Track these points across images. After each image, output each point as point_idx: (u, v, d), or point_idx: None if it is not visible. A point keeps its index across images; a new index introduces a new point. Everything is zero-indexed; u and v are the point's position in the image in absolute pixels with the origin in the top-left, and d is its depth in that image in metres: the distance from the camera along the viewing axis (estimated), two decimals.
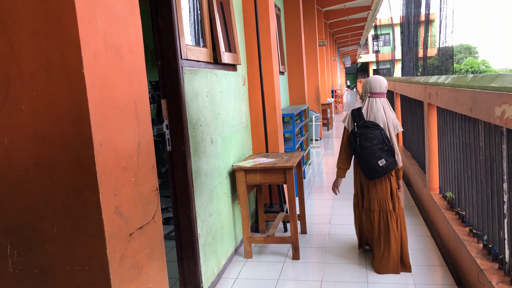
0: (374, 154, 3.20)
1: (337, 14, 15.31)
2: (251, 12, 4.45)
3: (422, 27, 7.25)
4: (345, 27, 19.06)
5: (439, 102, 3.75)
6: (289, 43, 8.20)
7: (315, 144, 10.42)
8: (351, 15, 15.47)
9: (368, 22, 18.58)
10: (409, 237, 3.98)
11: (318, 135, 10.94)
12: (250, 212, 4.45)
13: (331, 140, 11.31)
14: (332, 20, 16.05)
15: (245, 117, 4.40)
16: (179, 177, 2.92)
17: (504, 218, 2.48)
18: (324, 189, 6.10)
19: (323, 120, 13.04)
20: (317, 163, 8.14)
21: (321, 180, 6.69)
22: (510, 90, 2.13)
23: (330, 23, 16.84)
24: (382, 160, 3.19)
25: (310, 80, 10.56)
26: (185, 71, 2.94)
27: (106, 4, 1.52)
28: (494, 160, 2.60)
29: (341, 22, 17.63)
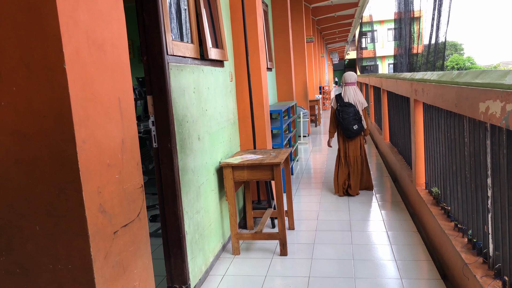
0: (350, 122, 5.19)
1: (324, 10, 15.32)
2: (238, 8, 4.42)
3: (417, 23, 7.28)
4: (333, 24, 19.10)
5: (425, 98, 3.78)
6: (277, 39, 8.19)
7: (303, 140, 10.45)
8: (339, 11, 15.50)
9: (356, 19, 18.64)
10: (396, 232, 4.02)
11: (306, 132, 10.96)
12: (238, 208, 4.44)
13: (319, 136, 11.35)
14: (319, 17, 16.06)
15: (232, 113, 4.38)
16: (166, 174, 2.90)
17: (488, 213, 2.51)
18: (312, 185, 6.12)
19: (311, 116, 13.08)
20: (305, 159, 8.16)
21: (309, 176, 6.70)
22: (494, 86, 2.15)
23: (317, 20, 16.86)
24: (355, 126, 5.20)
25: (297, 76, 10.57)
26: (171, 67, 2.91)
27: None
28: (479, 155, 2.63)
29: (329, 19, 17.66)
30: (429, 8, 5.25)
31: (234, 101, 4.48)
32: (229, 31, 4.44)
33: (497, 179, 2.36)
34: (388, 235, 3.97)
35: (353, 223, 4.37)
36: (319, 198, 5.35)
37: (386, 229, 4.14)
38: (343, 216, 4.60)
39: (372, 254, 3.58)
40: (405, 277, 3.14)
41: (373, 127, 10.09)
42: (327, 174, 6.69)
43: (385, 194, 5.38)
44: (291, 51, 8.48)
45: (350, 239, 3.93)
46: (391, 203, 5.01)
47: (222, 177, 3.79)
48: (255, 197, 4.71)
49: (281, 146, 5.87)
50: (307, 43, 12.25)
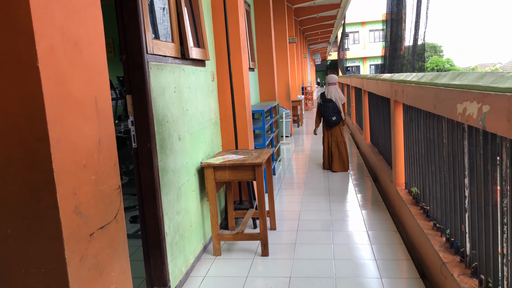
0: (329, 114, 6.66)
1: (307, 11, 15.39)
2: (220, 8, 4.40)
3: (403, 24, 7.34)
4: (315, 25, 19.21)
5: (405, 99, 3.83)
6: (259, 39, 8.18)
7: (286, 140, 10.47)
8: (321, 12, 15.60)
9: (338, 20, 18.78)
10: (376, 232, 4.06)
11: (288, 132, 10.99)
12: (220, 209, 4.41)
13: (301, 136, 11.39)
14: (302, 18, 16.13)
15: (214, 113, 4.35)
16: (145, 174, 2.86)
17: (465, 212, 2.55)
18: (294, 185, 6.14)
19: (294, 117, 13.12)
20: (287, 159, 8.18)
21: (291, 176, 6.72)
22: (471, 88, 2.18)
23: (300, 20, 16.92)
24: (334, 117, 6.64)
25: (280, 77, 10.59)
26: (151, 66, 2.87)
27: None
28: (457, 156, 2.67)
29: (311, 20, 17.75)
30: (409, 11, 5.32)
31: (216, 101, 4.46)
32: (211, 31, 4.41)
33: (474, 179, 2.40)
34: (369, 235, 4.00)
35: (334, 222, 4.39)
36: (301, 198, 5.37)
37: (366, 228, 4.17)
38: (324, 216, 4.62)
39: (353, 254, 3.60)
40: (385, 277, 3.17)
41: (354, 128, 10.18)
42: (309, 174, 6.72)
43: (366, 194, 5.43)
44: (274, 51, 8.48)
45: (331, 239, 3.94)
46: (371, 202, 5.06)
47: (204, 177, 3.76)
48: (237, 197, 4.69)
49: (263, 146, 5.86)
50: (289, 43, 12.28)
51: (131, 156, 6.16)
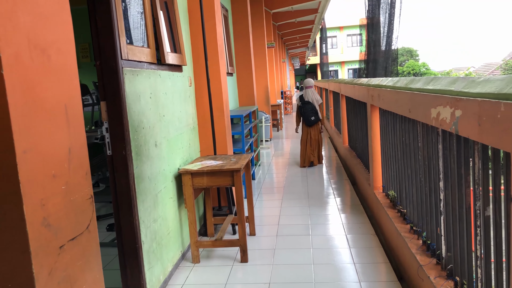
0: (309, 115, 7.32)
1: (285, 16, 15.50)
2: (196, 13, 4.37)
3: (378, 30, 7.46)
4: (294, 29, 19.35)
5: (381, 103, 3.87)
6: (238, 44, 8.18)
7: (265, 145, 10.48)
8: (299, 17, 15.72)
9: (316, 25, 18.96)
10: (355, 235, 4.08)
11: (268, 136, 11.00)
12: (198, 215, 4.37)
13: (281, 140, 11.42)
14: (280, 22, 16.23)
15: (192, 118, 4.31)
16: (120, 182, 2.80)
17: (441, 215, 2.58)
18: (274, 189, 6.14)
19: (273, 121, 13.16)
20: (267, 164, 8.17)
21: (271, 181, 6.72)
22: (444, 93, 2.22)
23: (278, 25, 17.02)
24: (313, 117, 7.33)
25: (259, 81, 10.60)
26: (126, 71, 2.82)
27: (29, 0, 1.40)
28: (432, 159, 2.71)
29: (290, 24, 17.87)
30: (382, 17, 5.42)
31: (194, 106, 4.42)
32: (188, 36, 4.38)
33: (448, 183, 2.43)
34: (347, 239, 4.02)
35: (313, 227, 4.40)
36: (281, 203, 5.36)
37: (345, 232, 4.20)
38: (304, 220, 4.63)
39: (332, 258, 3.61)
40: (363, 280, 3.18)
41: (332, 131, 10.26)
42: (288, 178, 6.73)
43: (345, 198, 5.47)
44: (252, 56, 8.49)
45: (310, 244, 3.95)
46: (350, 206, 5.09)
47: (181, 184, 3.71)
48: (216, 203, 4.66)
49: (243, 151, 5.85)
50: (268, 48, 12.33)
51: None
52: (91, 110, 7.54)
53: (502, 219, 1.81)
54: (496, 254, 1.89)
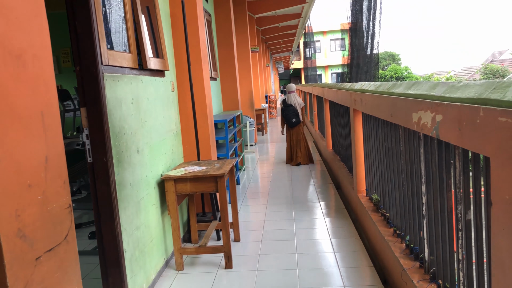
0: (291, 117, 7.94)
1: (269, 21, 15.56)
2: (179, 17, 4.34)
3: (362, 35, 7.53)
4: (277, 34, 19.43)
5: (364, 108, 3.90)
6: (221, 49, 8.16)
7: (250, 149, 10.46)
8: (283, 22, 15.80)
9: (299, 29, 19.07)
10: (339, 239, 4.09)
11: (252, 141, 10.99)
12: (182, 222, 4.32)
13: (266, 145, 11.42)
14: (264, 27, 16.28)
15: (175, 124, 4.27)
16: (102, 189, 2.75)
17: (423, 219, 2.60)
18: (259, 194, 6.12)
19: (258, 125, 13.15)
20: (252, 168, 8.16)
21: (256, 186, 6.70)
22: (425, 98, 2.24)
23: (262, 30, 17.07)
24: (294, 119, 7.92)
25: (243, 86, 10.60)
26: (106, 77, 2.78)
27: (2, 5, 1.37)
28: (414, 163, 2.73)
29: (273, 29, 17.95)
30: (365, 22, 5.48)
31: (177, 111, 4.38)
32: (170, 41, 4.34)
33: (430, 187, 2.45)
34: (332, 243, 4.03)
35: (297, 231, 4.39)
36: (265, 208, 5.35)
37: (329, 236, 4.20)
38: (288, 225, 4.62)
39: (317, 263, 3.61)
40: (348, 285, 3.18)
41: (317, 135, 10.31)
42: (273, 183, 6.72)
43: (329, 202, 5.48)
44: (236, 60, 8.49)
45: (295, 248, 3.94)
46: (334, 210, 5.10)
47: (164, 190, 3.67)
48: (200, 209, 4.62)
49: (227, 156, 5.82)
50: (252, 52, 12.34)
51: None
52: (73, 116, 7.43)
53: (482, 222, 1.83)
54: (477, 258, 1.91)
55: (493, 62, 32.68)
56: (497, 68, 28.24)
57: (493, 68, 28.31)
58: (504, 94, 1.49)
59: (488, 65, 29.96)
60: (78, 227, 4.97)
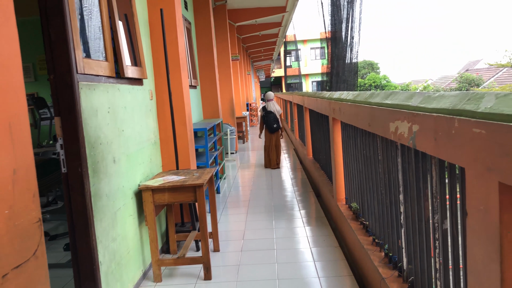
0: (271, 123, 8.47)
1: (249, 29, 15.62)
2: (157, 25, 4.31)
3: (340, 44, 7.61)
4: (258, 42, 19.52)
5: (342, 117, 3.92)
6: (201, 57, 8.14)
7: (231, 157, 10.42)
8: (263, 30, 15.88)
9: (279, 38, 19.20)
10: (319, 248, 4.08)
11: (233, 149, 10.96)
12: (160, 232, 4.25)
13: (247, 152, 11.40)
14: (245, 35, 16.33)
15: (153, 133, 4.22)
16: (76, 201, 2.68)
17: (401, 227, 2.61)
18: (240, 203, 6.08)
19: (239, 133, 13.13)
20: (232, 177, 8.12)
21: (236, 194, 6.66)
22: (402, 108, 2.26)
23: (243, 38, 17.12)
24: (275, 125, 8.48)
25: (223, 94, 10.58)
26: (82, 86, 2.72)
27: None
28: (391, 172, 2.75)
29: (254, 37, 18.02)
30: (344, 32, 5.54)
31: (155, 120, 4.33)
32: (149, 49, 4.30)
33: (408, 196, 2.47)
34: (312, 252, 4.01)
35: (278, 241, 4.37)
36: (246, 217, 5.31)
37: (310, 245, 4.19)
38: (269, 234, 4.59)
39: (296, 273, 3.58)
40: None
41: (297, 143, 10.34)
42: (254, 191, 6.70)
43: (309, 210, 5.48)
44: (216, 68, 8.47)
45: (275, 258, 3.91)
46: (315, 218, 5.10)
47: (142, 200, 3.60)
48: (179, 219, 4.55)
49: (207, 165, 5.77)
50: (232, 60, 12.35)
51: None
52: (49, 124, 7.27)
53: (459, 232, 1.84)
54: (454, 267, 1.92)
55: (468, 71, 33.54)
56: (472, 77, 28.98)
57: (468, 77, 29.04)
58: (478, 105, 1.50)
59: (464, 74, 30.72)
60: (53, 238, 4.84)
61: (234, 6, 12.13)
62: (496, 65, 25.80)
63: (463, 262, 1.79)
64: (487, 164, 1.39)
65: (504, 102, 1.37)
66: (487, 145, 1.39)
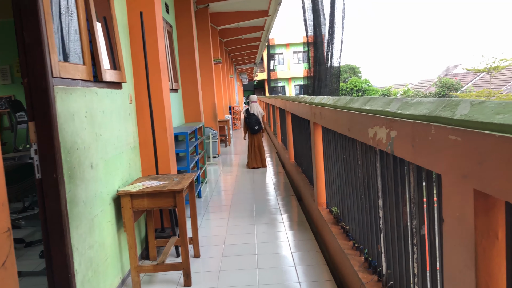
0: (253, 124, 9.04)
1: (232, 33, 15.60)
2: (137, 28, 4.26)
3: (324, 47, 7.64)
4: (241, 46, 19.52)
5: (323, 122, 3.93)
6: (183, 60, 8.08)
7: (213, 161, 10.36)
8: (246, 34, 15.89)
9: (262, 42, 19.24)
10: (301, 253, 4.07)
11: (215, 152, 10.90)
12: (140, 238, 4.18)
13: (229, 156, 11.36)
14: (227, 39, 16.31)
15: (132, 137, 4.16)
16: (51, 208, 2.61)
17: (381, 232, 2.62)
18: (222, 207, 6.04)
19: (221, 137, 13.08)
20: (214, 181, 8.07)
21: (218, 199, 6.61)
22: (380, 113, 2.27)
23: (226, 41, 17.10)
24: (256, 126, 9.03)
25: (206, 97, 10.53)
26: (58, 90, 2.66)
27: None
28: (371, 177, 2.76)
29: (237, 41, 18.01)
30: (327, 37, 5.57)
31: (135, 124, 4.27)
32: (128, 52, 4.24)
33: (387, 201, 2.48)
34: (293, 256, 4.01)
35: (259, 246, 4.35)
36: (227, 221, 5.28)
37: (291, 250, 4.18)
38: (250, 239, 4.57)
39: (277, 278, 3.57)
40: None
41: (280, 147, 10.36)
42: (236, 195, 6.67)
43: (291, 214, 5.48)
44: (198, 72, 8.42)
45: (256, 263, 3.89)
46: (296, 223, 5.10)
47: (120, 206, 3.54)
48: (159, 225, 4.49)
49: (188, 170, 5.72)
50: (215, 64, 12.31)
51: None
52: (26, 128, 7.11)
53: (436, 238, 1.86)
54: (431, 273, 1.93)
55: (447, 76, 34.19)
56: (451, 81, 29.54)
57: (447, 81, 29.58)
58: (454, 112, 1.52)
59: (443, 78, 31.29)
60: (29, 245, 4.72)
61: (216, 9, 12.11)
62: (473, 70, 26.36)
63: (440, 268, 1.80)
64: (462, 171, 1.40)
65: (479, 110, 1.38)
66: (463, 152, 1.40)
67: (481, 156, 1.29)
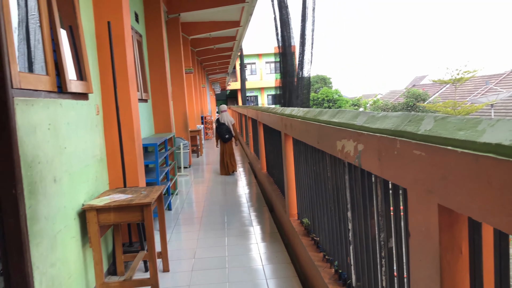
0: (224, 133, 9.34)
1: (204, 42, 15.58)
2: (105, 38, 4.17)
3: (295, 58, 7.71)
4: (213, 56, 19.51)
5: (294, 133, 3.94)
6: (153, 70, 7.99)
7: (184, 172, 10.23)
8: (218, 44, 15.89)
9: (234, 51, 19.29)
10: (272, 265, 4.04)
11: (187, 163, 10.78)
12: (107, 253, 4.06)
13: (201, 167, 11.25)
14: (199, 48, 16.27)
15: (99, 149, 4.04)
16: (9, 225, 2.48)
17: (350, 245, 2.63)
18: (194, 220, 5.95)
19: (193, 147, 12.96)
20: (185, 192, 7.96)
21: (190, 211, 6.51)
22: (348, 126, 2.28)
23: (197, 51, 17.04)
24: (227, 135, 9.34)
25: (177, 107, 10.43)
26: (18, 102, 2.55)
27: None
28: (340, 189, 2.77)
29: (208, 51, 17.99)
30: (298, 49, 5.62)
31: (102, 136, 4.16)
32: (95, 62, 4.14)
33: (355, 213, 2.49)
34: (264, 269, 3.97)
35: (230, 259, 4.29)
36: (198, 234, 5.19)
37: (262, 262, 4.14)
38: (221, 252, 4.51)
39: None
40: None
41: (252, 157, 10.35)
42: (207, 207, 6.58)
43: (263, 226, 5.45)
44: (169, 81, 8.34)
45: (226, 277, 3.83)
46: (268, 234, 5.07)
47: (86, 221, 3.42)
48: (127, 239, 4.37)
49: (157, 181, 5.61)
50: (186, 74, 12.23)
51: None
52: None
53: (403, 251, 1.87)
54: (399, 285, 1.93)
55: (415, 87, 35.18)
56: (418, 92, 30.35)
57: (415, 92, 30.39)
58: (418, 127, 1.53)
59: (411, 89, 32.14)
60: None
61: (188, 19, 12.07)
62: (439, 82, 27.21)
63: (407, 281, 1.81)
64: (427, 186, 1.41)
65: (442, 125, 1.40)
66: (427, 167, 1.41)
67: (445, 171, 1.30)
